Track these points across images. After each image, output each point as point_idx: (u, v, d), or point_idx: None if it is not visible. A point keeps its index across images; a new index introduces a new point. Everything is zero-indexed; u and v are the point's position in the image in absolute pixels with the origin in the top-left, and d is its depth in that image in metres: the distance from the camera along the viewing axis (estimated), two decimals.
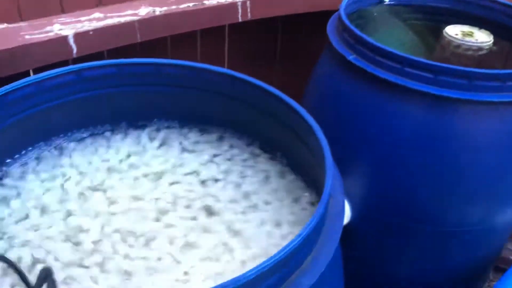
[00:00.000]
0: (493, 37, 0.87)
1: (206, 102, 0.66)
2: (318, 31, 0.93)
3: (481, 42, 0.85)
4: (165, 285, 0.49)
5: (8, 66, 0.78)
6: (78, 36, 0.82)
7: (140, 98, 0.67)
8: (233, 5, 1.00)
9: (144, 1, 0.95)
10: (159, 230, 0.55)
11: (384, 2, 0.97)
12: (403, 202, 0.80)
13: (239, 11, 1.01)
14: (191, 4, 0.97)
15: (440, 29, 0.89)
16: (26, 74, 0.81)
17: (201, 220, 0.56)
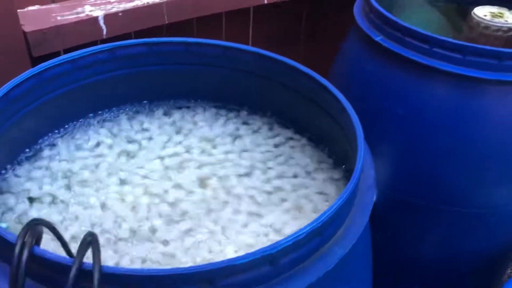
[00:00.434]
0: None
1: (236, 81, 0.67)
2: (343, 12, 0.93)
3: None
4: None
5: (41, 46, 0.80)
6: (108, 17, 0.83)
7: (170, 77, 0.69)
8: None
9: None
10: None
11: None
12: (429, 183, 0.80)
13: None
14: None
15: (468, 10, 0.88)
16: (57, 54, 0.83)
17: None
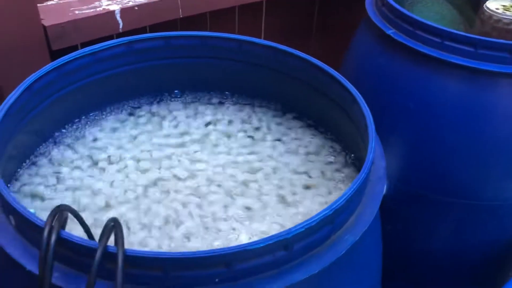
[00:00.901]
0: None
1: (250, 75, 0.69)
2: (354, 5, 0.94)
3: None
4: None
5: (60, 40, 0.82)
6: (124, 11, 0.85)
7: (186, 70, 0.70)
8: None
9: None
10: None
11: None
12: (439, 176, 0.81)
13: None
14: None
15: (480, 4, 0.88)
16: (75, 48, 0.85)
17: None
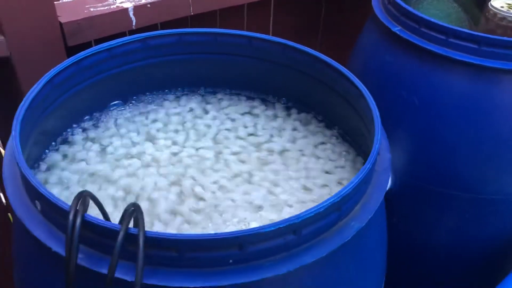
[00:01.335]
0: None
1: (260, 70, 0.71)
2: (361, 3, 0.95)
3: None
4: None
5: (75, 36, 0.84)
6: (137, 9, 0.87)
7: (198, 66, 0.73)
8: None
9: None
10: None
11: None
12: (444, 170, 0.82)
13: None
14: None
15: (485, 2, 0.90)
16: (89, 44, 0.88)
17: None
